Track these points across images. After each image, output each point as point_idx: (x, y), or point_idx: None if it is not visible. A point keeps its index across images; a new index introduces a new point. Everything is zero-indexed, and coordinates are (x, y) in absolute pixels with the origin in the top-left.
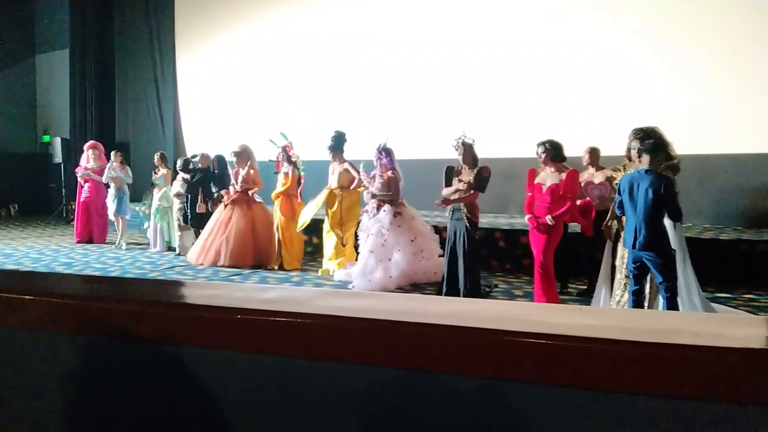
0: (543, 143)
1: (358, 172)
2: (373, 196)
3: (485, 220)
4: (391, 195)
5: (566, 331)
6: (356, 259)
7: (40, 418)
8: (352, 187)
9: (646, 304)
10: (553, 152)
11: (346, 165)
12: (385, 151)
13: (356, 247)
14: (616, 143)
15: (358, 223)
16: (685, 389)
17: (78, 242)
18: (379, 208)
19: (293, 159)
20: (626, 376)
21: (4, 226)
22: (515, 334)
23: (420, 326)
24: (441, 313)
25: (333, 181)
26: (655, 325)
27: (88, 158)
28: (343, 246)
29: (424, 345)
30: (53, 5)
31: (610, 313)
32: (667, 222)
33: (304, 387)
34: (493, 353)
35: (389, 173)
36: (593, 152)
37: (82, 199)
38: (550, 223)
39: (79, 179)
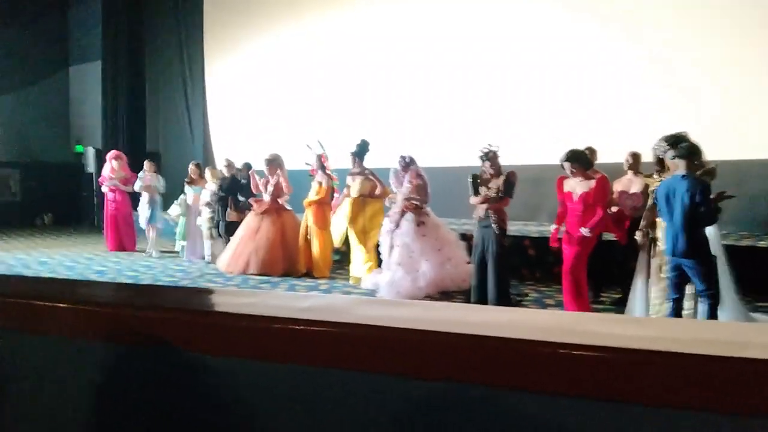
0: (567, 159)
1: (380, 181)
2: (407, 199)
3: (514, 228)
4: (422, 199)
5: (624, 344)
6: (379, 266)
7: (67, 427)
8: (375, 194)
9: (685, 312)
10: (580, 164)
11: (367, 173)
12: (411, 161)
13: (379, 253)
14: (646, 148)
15: None
16: (755, 407)
17: (113, 251)
18: (402, 214)
19: (327, 170)
20: (689, 392)
21: (39, 235)
22: (570, 347)
23: (468, 338)
24: (488, 323)
25: (354, 190)
26: (719, 336)
27: (112, 168)
28: (367, 254)
29: (472, 358)
30: (86, 18)
31: (671, 324)
32: (709, 228)
33: (344, 399)
34: (548, 367)
35: (417, 180)
36: (635, 157)
37: (110, 210)
38: (587, 234)
39: (104, 189)
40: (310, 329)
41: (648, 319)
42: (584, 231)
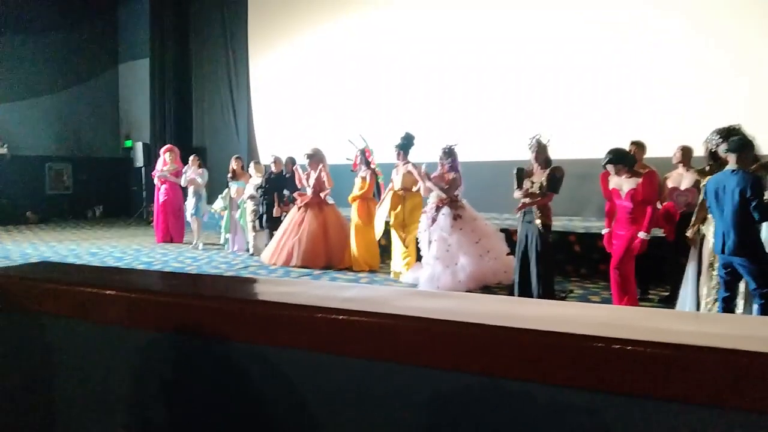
0: (609, 162)
1: (420, 174)
2: (426, 176)
3: (559, 223)
4: (446, 190)
5: (682, 340)
6: (418, 261)
7: (118, 410)
8: (415, 189)
9: (738, 311)
10: (623, 164)
11: (409, 167)
12: (449, 153)
13: (418, 249)
14: (698, 142)
15: None
16: None
17: (160, 242)
18: (438, 209)
19: (372, 165)
20: (754, 392)
21: (89, 227)
22: (623, 342)
23: (514, 331)
24: (537, 317)
25: (397, 183)
26: None
27: (165, 161)
28: (406, 248)
29: (518, 352)
30: (134, 17)
31: (731, 321)
32: (763, 225)
33: (384, 391)
34: (599, 363)
35: (452, 175)
36: (685, 151)
37: (160, 201)
38: (646, 238)
39: (155, 182)
40: (352, 319)
41: (707, 315)
42: (642, 235)
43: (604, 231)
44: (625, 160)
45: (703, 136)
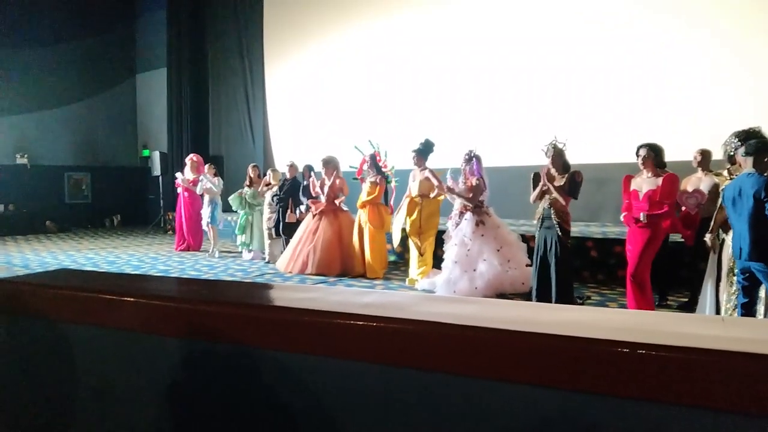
0: (645, 146)
1: (440, 181)
2: (450, 190)
3: (575, 229)
4: (470, 199)
5: (708, 344)
6: (439, 268)
7: (136, 417)
8: (432, 196)
9: (758, 317)
10: (655, 156)
11: (427, 173)
12: (474, 158)
13: (435, 257)
14: (717, 145)
15: (440, 231)
16: None
17: (181, 250)
18: (461, 215)
19: (384, 168)
20: None
21: (108, 235)
22: (648, 347)
23: (538, 337)
24: (560, 323)
25: (414, 189)
26: None
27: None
28: (421, 255)
29: (543, 357)
30: (151, 28)
31: (758, 325)
32: None
33: (404, 397)
34: (626, 368)
35: (474, 180)
36: (704, 154)
37: (179, 210)
38: (643, 221)
39: (179, 190)
40: (371, 325)
41: (733, 319)
42: (642, 217)
43: (623, 215)
44: (658, 152)
45: (716, 138)
